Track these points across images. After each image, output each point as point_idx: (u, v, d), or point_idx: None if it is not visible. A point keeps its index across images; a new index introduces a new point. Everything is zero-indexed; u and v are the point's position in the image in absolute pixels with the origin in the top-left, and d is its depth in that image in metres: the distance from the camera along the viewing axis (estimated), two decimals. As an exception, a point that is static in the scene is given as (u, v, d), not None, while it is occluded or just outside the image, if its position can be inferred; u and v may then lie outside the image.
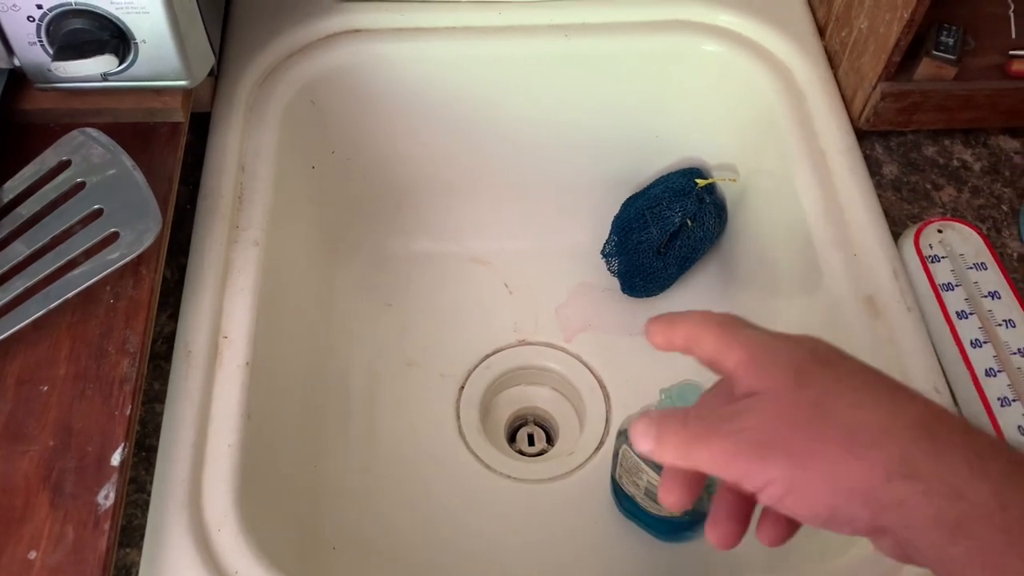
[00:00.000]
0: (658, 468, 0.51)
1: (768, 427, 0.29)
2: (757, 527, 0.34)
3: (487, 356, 0.66)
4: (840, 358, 0.31)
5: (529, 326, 0.67)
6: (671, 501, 0.33)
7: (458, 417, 0.63)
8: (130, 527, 0.42)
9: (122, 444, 0.40)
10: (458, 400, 0.64)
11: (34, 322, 0.41)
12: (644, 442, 0.31)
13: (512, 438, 0.65)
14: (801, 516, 0.29)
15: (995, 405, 0.46)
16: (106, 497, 0.39)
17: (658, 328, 0.34)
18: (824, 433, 0.28)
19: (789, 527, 0.33)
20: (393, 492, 0.59)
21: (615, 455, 0.54)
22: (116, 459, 0.40)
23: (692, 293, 0.67)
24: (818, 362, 0.30)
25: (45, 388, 0.41)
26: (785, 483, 0.29)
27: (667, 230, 0.63)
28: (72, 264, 0.42)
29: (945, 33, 0.54)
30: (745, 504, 0.33)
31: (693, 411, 0.31)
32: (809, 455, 0.28)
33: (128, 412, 0.41)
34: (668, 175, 0.66)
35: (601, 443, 0.62)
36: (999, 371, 0.47)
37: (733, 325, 0.33)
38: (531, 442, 0.64)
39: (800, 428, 0.29)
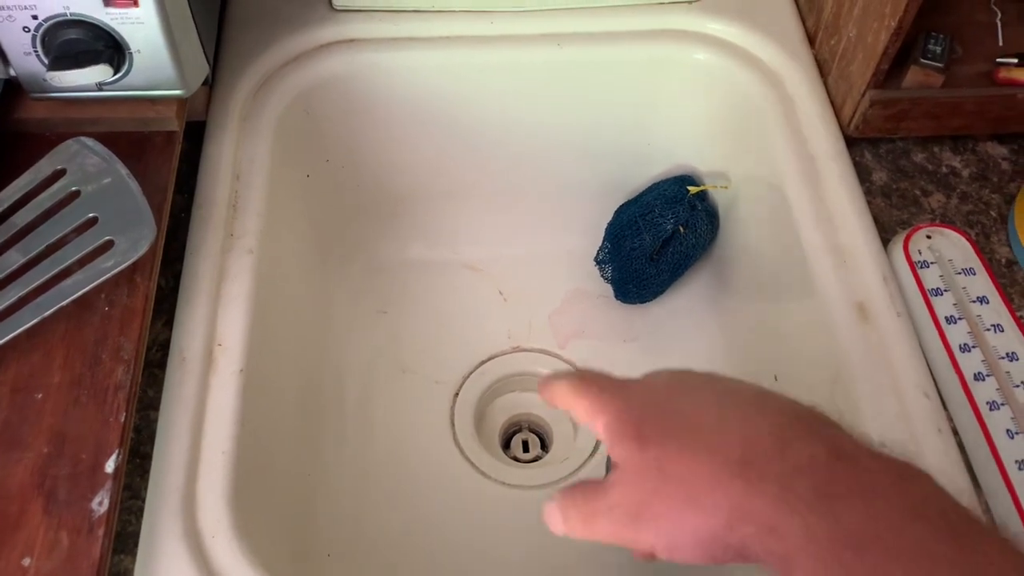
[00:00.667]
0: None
1: (631, 500, 0.32)
2: None
3: (481, 363, 0.66)
4: (677, 392, 0.33)
5: (523, 332, 0.67)
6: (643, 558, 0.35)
7: (453, 424, 0.63)
8: (124, 533, 0.42)
9: (116, 451, 0.41)
10: (453, 407, 0.64)
11: (28, 330, 0.42)
12: (554, 526, 0.34)
13: (507, 444, 0.65)
14: (694, 562, 0.31)
15: (984, 409, 0.46)
16: (100, 504, 0.39)
17: (542, 390, 0.37)
18: (670, 493, 0.31)
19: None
20: (388, 499, 0.59)
21: (608, 462, 0.55)
22: (110, 466, 0.40)
23: (685, 299, 0.67)
24: (655, 415, 0.33)
25: (39, 396, 0.42)
26: (663, 544, 0.31)
27: (660, 237, 0.64)
28: (66, 272, 0.43)
29: (933, 41, 0.55)
30: None
31: (581, 490, 0.34)
32: (667, 516, 0.31)
33: (122, 419, 0.41)
34: (660, 182, 0.66)
35: (595, 449, 0.62)
36: (988, 375, 0.48)
37: (596, 389, 0.35)
38: (526, 448, 0.65)
39: (652, 494, 0.31)
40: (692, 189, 0.63)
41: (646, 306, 0.67)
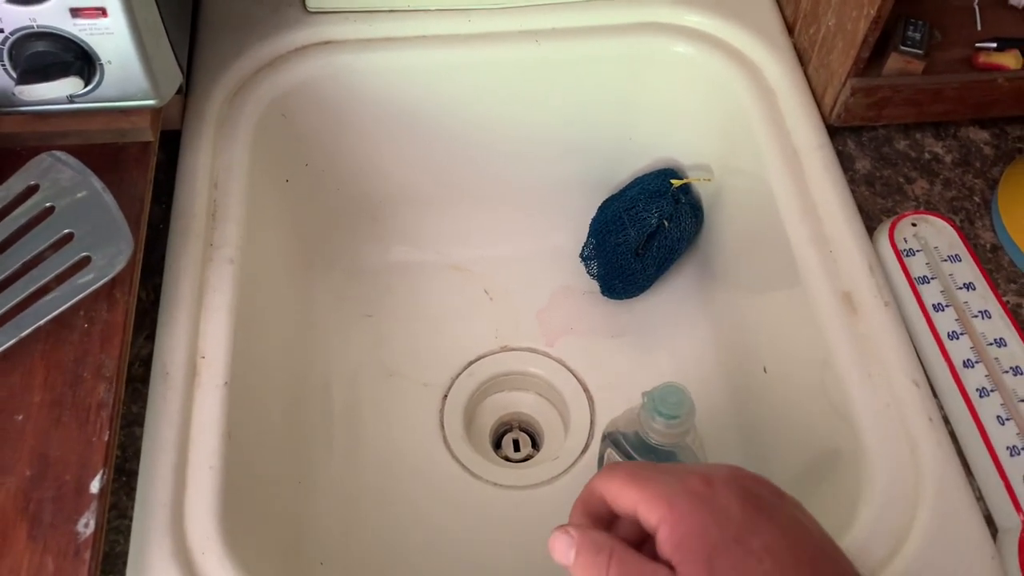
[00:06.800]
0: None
1: None
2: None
3: (470, 363, 0.65)
4: (751, 523, 0.32)
5: (511, 331, 0.67)
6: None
7: (442, 426, 0.63)
8: (113, 554, 0.41)
9: (101, 471, 0.40)
10: (442, 409, 0.63)
11: (6, 350, 0.41)
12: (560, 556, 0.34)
13: (498, 444, 0.65)
14: None
15: (974, 396, 0.46)
16: (86, 526, 0.38)
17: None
18: None
19: None
20: (379, 504, 0.59)
21: (600, 459, 0.54)
22: (95, 486, 0.39)
23: (671, 294, 0.67)
24: (730, 546, 0.32)
25: (20, 417, 0.41)
26: None
27: (644, 231, 0.63)
28: (44, 290, 0.42)
29: (912, 28, 0.54)
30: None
31: (623, 559, 0.33)
32: None
33: (106, 438, 0.41)
34: (643, 176, 0.66)
35: (586, 446, 0.62)
36: (977, 362, 0.48)
37: (647, 479, 0.34)
38: (516, 448, 0.64)
39: None
40: (675, 183, 0.63)
41: (633, 301, 0.67)
